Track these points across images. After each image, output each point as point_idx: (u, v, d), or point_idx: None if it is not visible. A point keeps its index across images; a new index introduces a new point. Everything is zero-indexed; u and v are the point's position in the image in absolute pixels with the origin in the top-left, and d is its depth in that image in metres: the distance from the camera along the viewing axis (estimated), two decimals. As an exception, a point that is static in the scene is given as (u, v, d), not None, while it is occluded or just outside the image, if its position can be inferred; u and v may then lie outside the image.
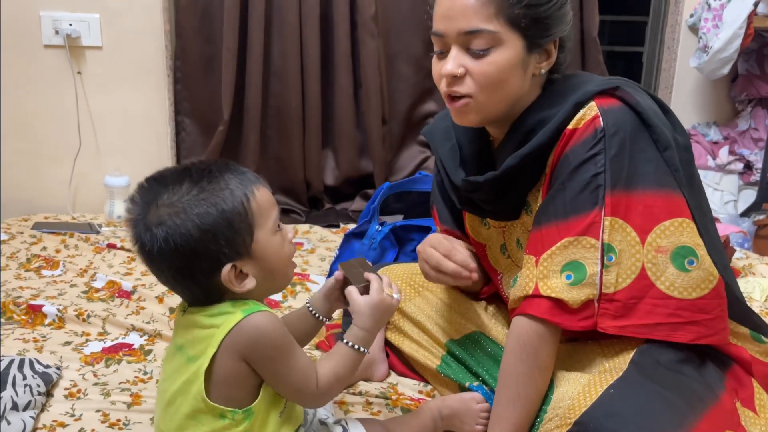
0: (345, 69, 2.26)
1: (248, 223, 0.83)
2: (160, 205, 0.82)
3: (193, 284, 0.84)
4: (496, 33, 0.95)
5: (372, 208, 1.59)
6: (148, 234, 0.81)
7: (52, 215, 2.21)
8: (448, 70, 0.97)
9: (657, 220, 0.95)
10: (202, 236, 0.80)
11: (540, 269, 0.98)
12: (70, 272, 1.74)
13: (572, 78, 1.05)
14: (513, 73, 0.98)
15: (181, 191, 0.82)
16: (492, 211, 1.14)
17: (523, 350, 0.98)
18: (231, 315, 0.83)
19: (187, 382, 0.84)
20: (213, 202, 0.81)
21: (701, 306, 0.95)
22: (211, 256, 0.82)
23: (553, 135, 0.99)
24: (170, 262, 0.82)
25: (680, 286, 0.94)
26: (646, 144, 0.96)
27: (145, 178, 0.86)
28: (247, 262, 0.84)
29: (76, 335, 1.41)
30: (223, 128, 2.24)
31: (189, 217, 0.80)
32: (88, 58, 2.21)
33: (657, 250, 0.94)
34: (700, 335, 0.95)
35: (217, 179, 0.83)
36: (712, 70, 2.31)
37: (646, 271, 0.95)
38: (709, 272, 0.95)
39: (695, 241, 0.95)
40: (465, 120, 1.03)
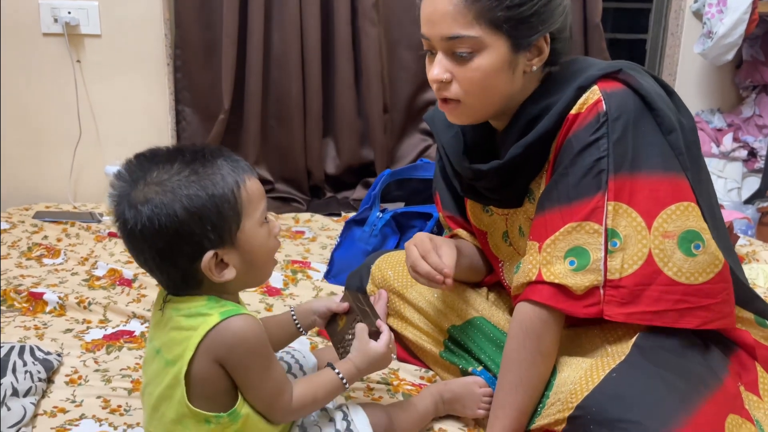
0: (346, 57, 2.24)
1: (237, 210, 0.82)
2: (148, 183, 0.79)
3: (173, 268, 0.82)
4: (478, 38, 0.93)
5: (373, 195, 1.58)
6: (132, 211, 0.79)
7: (53, 204, 2.21)
8: (434, 76, 0.97)
9: (663, 205, 0.93)
10: (188, 218, 0.78)
11: (543, 255, 0.97)
12: (71, 260, 1.74)
13: (573, 64, 1.03)
14: (499, 75, 0.96)
15: (172, 171, 0.80)
16: (495, 199, 1.13)
17: (526, 336, 0.98)
18: (208, 317, 0.81)
19: (169, 387, 0.83)
20: (203, 185, 0.79)
21: (707, 291, 0.94)
22: (194, 241, 0.80)
23: (556, 121, 0.98)
24: (152, 243, 0.79)
25: (687, 271, 0.93)
26: (650, 127, 0.95)
27: (135, 154, 0.83)
28: (229, 251, 0.83)
29: (77, 323, 1.41)
30: (223, 117, 2.23)
31: (177, 198, 0.78)
32: (87, 46, 2.19)
33: (664, 236, 0.93)
34: (707, 320, 0.94)
35: (210, 163, 0.81)
36: (717, 56, 2.29)
37: (654, 257, 0.93)
38: (714, 256, 0.94)
39: (701, 225, 0.94)
40: (457, 121, 1.04)
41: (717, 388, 0.90)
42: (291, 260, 1.75)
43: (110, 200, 0.82)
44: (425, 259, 1.05)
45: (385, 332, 0.96)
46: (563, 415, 0.92)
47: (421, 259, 1.06)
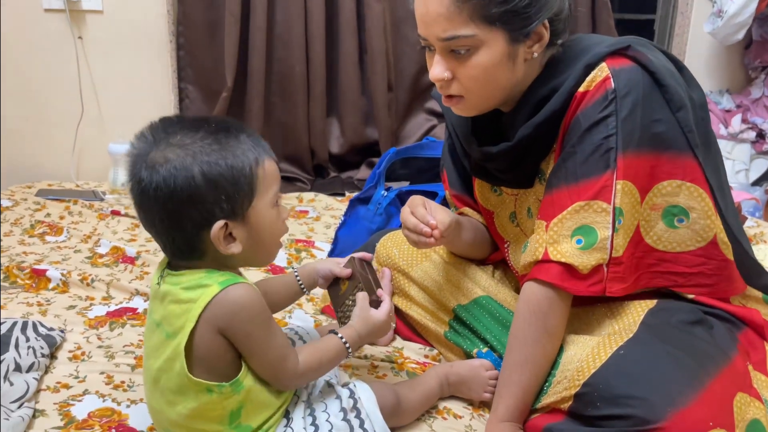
0: (350, 33, 2.21)
1: (252, 186, 0.82)
2: (170, 144, 0.79)
3: (180, 234, 0.81)
4: (474, 36, 0.92)
5: (378, 173, 1.57)
6: (149, 171, 0.78)
7: (55, 182, 2.20)
8: (435, 75, 0.96)
9: (657, 180, 0.94)
10: (204, 184, 0.79)
11: (550, 234, 0.96)
12: (74, 238, 1.73)
13: (580, 42, 1.01)
14: (500, 68, 0.95)
15: (196, 136, 0.80)
16: (506, 180, 1.12)
17: (532, 314, 0.97)
18: (207, 288, 0.81)
19: (169, 359, 0.82)
20: (224, 155, 0.80)
21: (682, 259, 0.97)
22: (206, 208, 0.80)
23: (565, 99, 0.96)
24: (164, 205, 0.79)
25: (666, 240, 0.97)
26: (659, 104, 0.93)
27: (160, 118, 0.84)
28: (238, 225, 0.83)
29: (80, 299, 1.40)
30: (226, 95, 2.21)
31: (197, 162, 0.78)
32: (88, 22, 2.17)
33: (651, 208, 0.96)
34: (677, 284, 0.98)
35: (234, 136, 0.82)
36: (726, 36, 2.26)
37: (640, 228, 0.96)
38: (698, 234, 0.96)
39: (690, 203, 0.95)
40: (463, 114, 1.03)
41: (725, 366, 0.90)
42: (295, 239, 1.74)
43: (128, 159, 0.82)
44: (413, 214, 1.06)
45: (386, 301, 0.98)
46: (570, 393, 0.92)
47: (409, 214, 1.06)
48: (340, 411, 0.91)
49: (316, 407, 0.91)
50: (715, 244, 0.96)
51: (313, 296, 1.43)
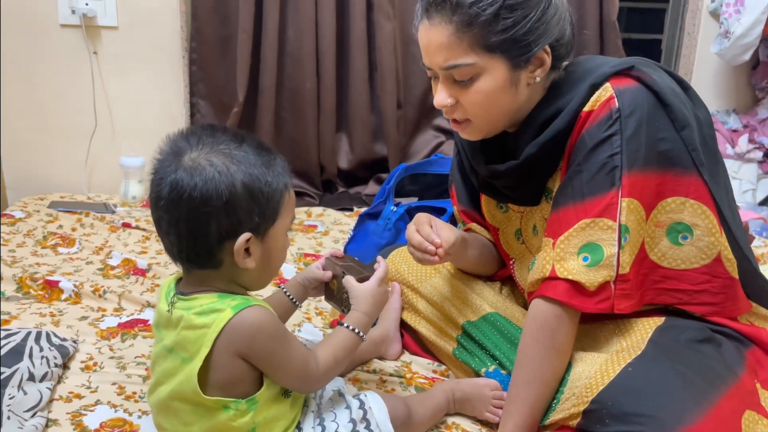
0: (360, 51, 2.24)
1: (278, 208, 0.85)
2: (214, 150, 0.81)
3: (203, 240, 0.81)
4: (475, 64, 0.95)
5: (387, 189, 1.58)
6: (188, 172, 0.79)
7: (67, 195, 2.22)
8: (439, 102, 0.99)
9: (662, 197, 0.96)
10: (243, 195, 0.80)
11: (557, 251, 0.97)
12: (85, 250, 1.75)
13: (585, 63, 1.04)
14: (502, 94, 0.98)
15: (242, 149, 0.82)
16: (512, 197, 1.13)
17: (539, 331, 0.98)
18: (221, 313, 0.81)
19: (182, 383, 0.83)
20: (264, 172, 0.82)
21: (687, 277, 0.98)
22: (238, 218, 0.81)
23: (570, 119, 0.98)
24: (196, 208, 0.79)
25: (670, 257, 0.98)
26: (664, 123, 0.95)
27: (202, 124, 0.86)
28: (257, 243, 0.84)
29: (92, 310, 1.42)
30: (237, 110, 2.24)
31: (241, 170, 0.80)
32: (104, 38, 2.21)
33: (656, 225, 0.97)
34: (682, 301, 0.99)
35: (272, 157, 0.85)
36: (734, 56, 2.27)
37: (645, 245, 0.97)
38: (702, 251, 0.97)
39: (694, 221, 0.96)
40: (471, 138, 1.06)
41: (733, 384, 0.90)
42: (303, 253, 1.75)
43: (161, 157, 0.82)
44: (419, 232, 1.08)
45: (381, 268, 1.00)
46: (578, 410, 0.92)
47: (414, 231, 1.08)
48: (349, 422, 0.91)
49: (326, 417, 0.92)
50: (720, 262, 0.97)
51: (322, 310, 1.44)
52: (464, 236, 1.16)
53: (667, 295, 0.99)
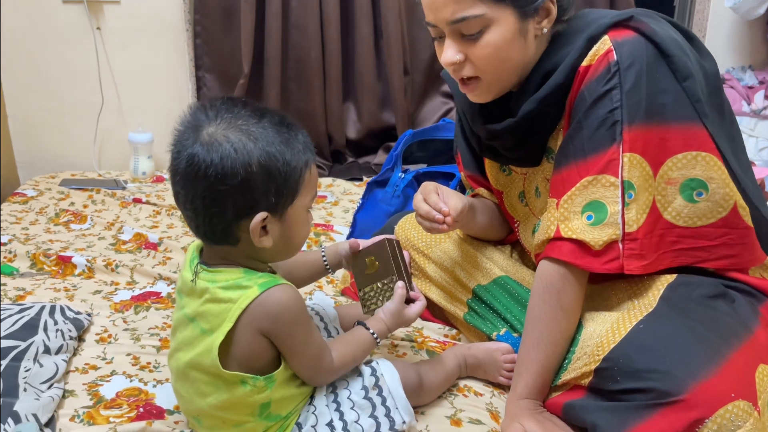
0: (365, 18, 2.21)
1: (297, 186, 0.82)
2: (232, 125, 0.78)
3: (219, 217, 0.80)
4: (484, 15, 0.92)
5: (395, 155, 1.57)
6: (205, 147, 0.77)
7: (78, 173, 2.23)
8: (447, 59, 0.97)
9: (670, 153, 0.93)
10: (260, 172, 0.78)
11: (561, 211, 0.96)
12: (97, 226, 1.77)
13: (584, 17, 1.01)
14: (512, 45, 0.95)
15: (261, 124, 0.79)
16: (513, 158, 1.11)
17: (546, 292, 0.97)
18: (248, 290, 0.81)
19: (201, 354, 0.83)
20: (283, 150, 0.80)
21: (704, 233, 0.96)
22: (254, 197, 0.79)
23: (568, 74, 0.96)
24: (212, 185, 0.78)
25: (686, 215, 0.95)
26: (664, 75, 0.92)
27: (225, 96, 0.83)
28: (275, 221, 0.83)
29: (105, 284, 1.43)
30: (243, 82, 2.22)
31: (258, 149, 0.78)
32: (106, 13, 2.19)
33: (667, 182, 0.94)
34: (701, 259, 0.97)
35: (294, 133, 0.82)
36: (748, 10, 2.21)
37: (656, 204, 0.94)
38: (718, 204, 0.95)
39: (708, 174, 0.94)
40: (481, 99, 1.03)
41: (747, 338, 0.89)
42: (314, 223, 1.75)
43: (180, 129, 0.80)
44: (426, 201, 1.07)
45: (420, 302, 1.00)
46: (590, 368, 0.92)
47: (422, 201, 1.07)
48: (361, 389, 0.92)
49: (338, 385, 0.93)
50: (736, 212, 0.95)
51: (333, 278, 1.45)
52: (472, 203, 1.14)
53: (686, 255, 0.97)
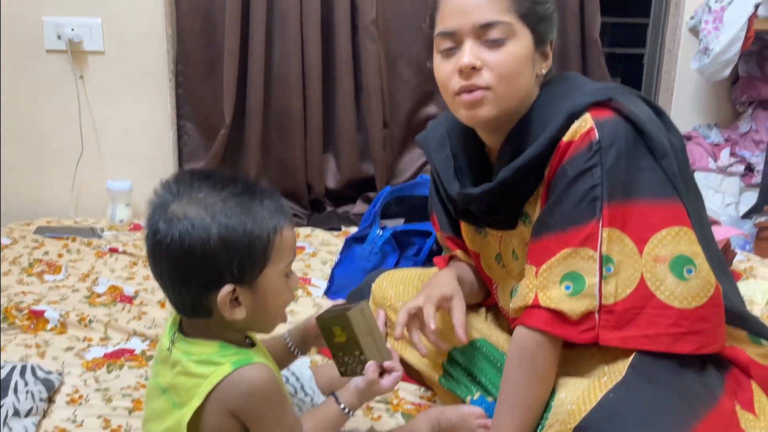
0: (346, 72, 2.26)
1: (266, 254, 0.82)
2: (192, 200, 0.79)
3: (186, 292, 0.81)
4: (511, 24, 0.98)
5: (373, 213, 1.60)
6: (166, 224, 0.78)
7: (54, 219, 2.22)
8: (466, 61, 0.97)
9: (654, 229, 0.95)
10: (218, 247, 0.78)
11: (540, 280, 0.98)
12: (72, 277, 1.75)
13: (564, 82, 1.05)
14: (526, 66, 1.00)
15: (220, 196, 0.80)
16: (489, 222, 1.14)
17: (521, 358, 0.99)
18: (219, 367, 0.81)
19: (171, 429, 0.82)
20: (244, 220, 0.80)
21: (701, 315, 0.94)
22: (217, 270, 0.79)
23: (546, 147, 0.99)
24: (175, 261, 0.79)
25: (680, 295, 0.94)
26: (643, 154, 0.96)
27: (188, 169, 0.83)
28: (245, 291, 0.82)
29: (77, 340, 1.42)
30: (225, 132, 2.25)
31: (215, 222, 0.78)
32: (90, 62, 2.21)
33: (655, 260, 0.94)
34: (702, 344, 0.95)
35: (258, 200, 0.82)
36: (713, 73, 2.31)
37: (646, 282, 0.94)
38: (707, 280, 0.95)
39: (693, 249, 0.95)
40: (479, 114, 1.01)
41: (713, 406, 0.91)
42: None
43: (149, 207, 0.82)
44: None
45: (395, 374, 0.96)
46: (563, 437, 0.93)
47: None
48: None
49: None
50: (718, 288, 0.97)
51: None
52: (459, 276, 1.16)
53: (687, 341, 0.94)
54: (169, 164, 2.33)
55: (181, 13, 2.22)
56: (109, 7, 2.17)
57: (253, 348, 0.90)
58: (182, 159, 2.36)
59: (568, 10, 2.31)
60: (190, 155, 2.35)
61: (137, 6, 2.18)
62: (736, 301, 1.04)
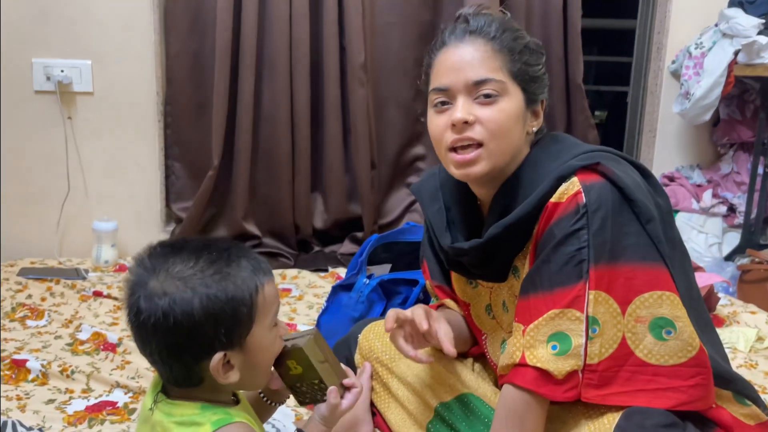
0: (335, 115, 2.29)
1: (251, 315, 0.82)
2: (170, 275, 0.79)
3: (178, 364, 0.82)
4: (504, 82, 1.01)
5: (360, 261, 1.60)
6: (147, 302, 0.78)
7: (38, 260, 2.20)
8: (459, 116, 1.00)
9: (637, 292, 0.97)
10: (204, 319, 0.78)
11: (527, 338, 0.99)
12: (55, 323, 1.73)
13: (555, 143, 1.08)
14: (517, 123, 1.02)
15: (197, 267, 0.80)
16: (479, 274, 1.15)
17: (508, 417, 0.99)
18: (200, 427, 0.81)
19: None
20: (224, 287, 0.79)
21: (679, 373, 0.97)
22: (206, 341, 0.79)
23: (535, 207, 1.01)
24: (162, 337, 0.79)
25: (657, 353, 0.96)
26: (628, 218, 0.98)
27: (160, 242, 0.83)
28: (236, 354, 0.82)
29: (59, 392, 1.40)
30: (212, 173, 2.25)
31: (197, 295, 0.78)
32: (78, 103, 2.22)
33: (636, 320, 0.96)
34: (681, 402, 0.97)
35: (234, 264, 0.81)
36: (695, 116, 2.36)
37: (627, 341, 0.96)
38: (687, 343, 0.97)
39: (674, 313, 0.97)
40: (473, 171, 1.03)
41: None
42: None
43: (126, 286, 0.81)
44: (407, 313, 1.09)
45: (355, 391, 0.98)
46: (548, 500, 0.93)
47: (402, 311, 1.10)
48: None
49: None
50: (703, 351, 0.98)
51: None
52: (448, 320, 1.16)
53: (665, 397, 0.97)
54: (156, 205, 2.32)
55: (171, 55, 2.24)
56: (100, 50, 2.19)
57: (237, 405, 0.89)
58: (169, 200, 2.36)
59: (552, 55, 2.35)
60: (178, 196, 2.35)
61: (128, 49, 2.20)
62: (721, 361, 1.05)
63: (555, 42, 2.35)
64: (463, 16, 1.06)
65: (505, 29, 1.04)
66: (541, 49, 1.08)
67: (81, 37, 2.17)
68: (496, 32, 1.03)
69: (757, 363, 1.60)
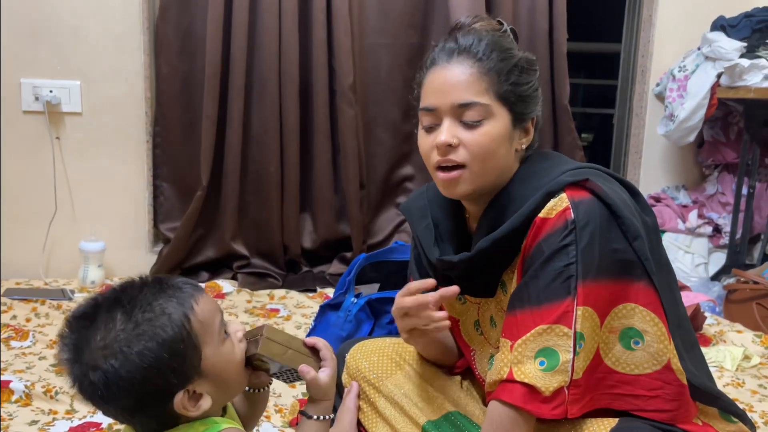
0: (323, 136, 2.30)
1: (194, 344, 0.79)
2: (93, 348, 0.75)
3: (145, 417, 0.79)
4: (488, 106, 1.02)
5: (348, 280, 1.60)
6: (85, 380, 0.75)
7: (24, 280, 2.18)
8: (443, 140, 1.02)
9: (614, 304, 0.99)
10: (146, 374, 0.75)
11: (515, 354, 0.99)
12: (39, 343, 1.71)
13: (544, 160, 1.09)
14: (502, 144, 1.03)
15: (116, 328, 0.75)
16: (468, 289, 1.15)
17: None
18: None
19: None
20: (152, 335, 0.76)
21: (641, 382, 0.99)
22: (159, 391, 0.77)
23: (524, 222, 1.02)
24: (116, 404, 0.77)
25: (624, 362, 0.99)
26: (616, 235, 0.99)
27: (72, 315, 0.78)
28: (199, 382, 0.80)
29: (43, 413, 1.37)
30: (201, 193, 2.25)
31: (128, 358, 0.74)
32: (67, 123, 2.22)
33: (609, 331, 0.99)
34: (638, 408, 1.00)
35: (152, 306, 0.77)
36: (679, 138, 2.39)
37: (600, 351, 0.99)
38: (654, 357, 0.99)
39: (644, 327, 0.99)
40: (456, 190, 1.06)
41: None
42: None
43: (65, 371, 0.78)
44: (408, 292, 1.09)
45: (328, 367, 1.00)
46: None
47: (402, 297, 1.09)
48: None
49: None
50: (670, 369, 1.00)
51: (281, 407, 1.42)
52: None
53: (623, 401, 1.00)
54: (144, 225, 2.32)
55: (160, 76, 2.25)
56: (89, 70, 2.20)
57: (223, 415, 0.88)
58: (157, 220, 2.35)
59: (539, 78, 2.39)
60: (166, 216, 2.34)
61: (117, 70, 2.21)
62: (705, 380, 1.06)
63: (541, 65, 2.39)
64: (453, 34, 1.07)
65: (494, 49, 1.04)
66: (533, 66, 1.08)
67: (70, 58, 2.18)
68: (484, 53, 1.03)
69: (744, 381, 1.60)
